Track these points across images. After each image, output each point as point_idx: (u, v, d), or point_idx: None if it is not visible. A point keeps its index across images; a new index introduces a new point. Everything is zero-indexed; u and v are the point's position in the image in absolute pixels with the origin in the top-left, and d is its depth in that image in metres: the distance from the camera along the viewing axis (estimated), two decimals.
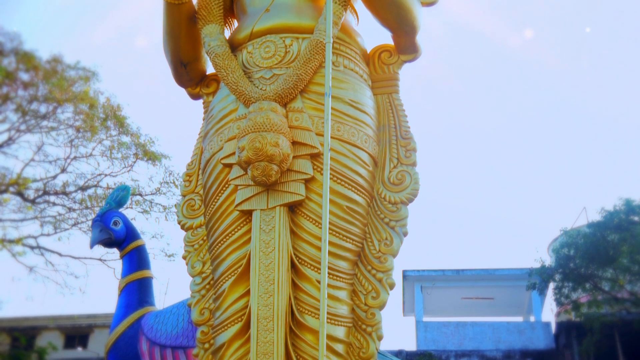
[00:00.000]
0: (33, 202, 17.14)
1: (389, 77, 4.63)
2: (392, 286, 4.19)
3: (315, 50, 4.18)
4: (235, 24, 4.89)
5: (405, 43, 4.60)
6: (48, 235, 17.23)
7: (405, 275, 24.54)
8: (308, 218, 4.05)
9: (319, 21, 4.30)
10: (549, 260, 21.82)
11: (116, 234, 6.64)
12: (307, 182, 4.04)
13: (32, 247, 17.19)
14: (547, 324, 23.77)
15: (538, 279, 20.59)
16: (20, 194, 16.96)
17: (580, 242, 19.33)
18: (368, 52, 4.70)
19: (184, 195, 4.72)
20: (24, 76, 16.41)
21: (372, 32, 4.77)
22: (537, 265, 20.47)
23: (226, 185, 4.23)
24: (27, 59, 16.04)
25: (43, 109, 16.93)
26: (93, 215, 12.58)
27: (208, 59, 4.61)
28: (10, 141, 16.94)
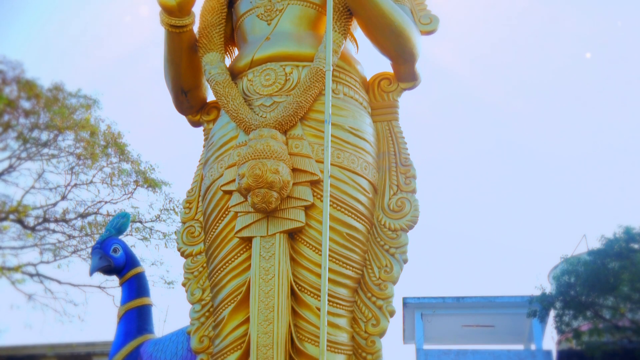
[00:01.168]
0: (33, 229, 17.12)
1: (388, 104, 4.66)
2: (392, 313, 4.18)
3: (315, 78, 4.21)
4: (236, 52, 4.93)
5: (404, 71, 4.63)
6: (47, 262, 17.19)
7: (406, 302, 24.43)
8: (308, 245, 4.05)
9: (319, 49, 4.34)
10: (549, 288, 21.72)
11: (116, 261, 6.62)
12: (307, 209, 4.05)
13: (31, 275, 17.15)
14: (548, 352, 23.63)
15: (539, 306, 20.49)
16: (20, 221, 16.95)
17: (581, 270, 19.25)
18: (368, 79, 4.73)
19: (183, 222, 4.72)
20: (26, 104, 16.49)
21: (371, 60, 4.81)
22: (538, 292, 20.37)
23: (226, 212, 4.24)
24: (28, 87, 16.12)
25: (44, 136, 16.98)
26: (93, 243, 12.56)
27: (208, 86, 4.64)
28: (10, 169, 16.97)
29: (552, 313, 20.77)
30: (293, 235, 4.06)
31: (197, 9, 4.59)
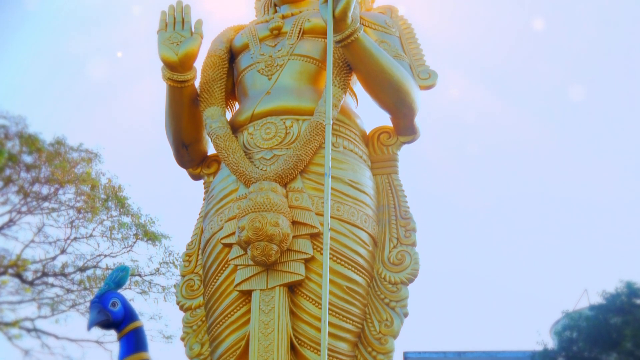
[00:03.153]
0: (31, 283, 17.01)
1: (388, 157, 4.68)
2: None
3: (315, 132, 4.24)
4: (237, 106, 4.98)
5: (403, 125, 4.66)
6: (45, 317, 17.03)
7: (406, 357, 24.15)
8: (308, 298, 4.03)
9: (319, 103, 4.38)
10: (551, 343, 21.52)
11: (114, 316, 6.53)
12: (307, 261, 4.04)
13: (28, 330, 16.97)
14: None
15: None
16: (19, 275, 16.84)
17: (583, 325, 19.09)
18: (367, 133, 4.77)
19: (183, 276, 4.71)
20: (27, 158, 16.56)
21: (371, 114, 4.86)
22: (540, 348, 20.17)
23: (226, 265, 4.23)
24: (31, 142, 16.21)
25: (45, 190, 17.00)
26: (91, 297, 12.47)
27: (209, 140, 4.68)
28: (11, 223, 16.94)
29: None
30: (293, 288, 4.04)
31: (198, 63, 4.65)
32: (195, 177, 5.01)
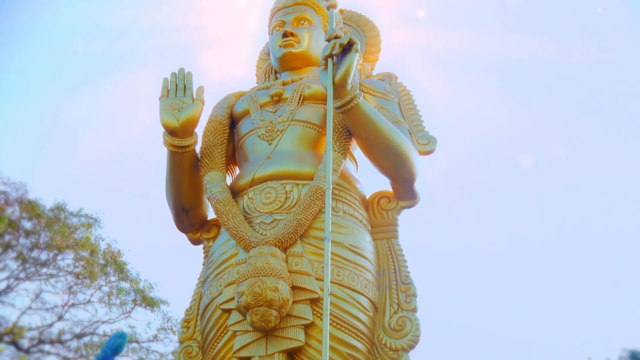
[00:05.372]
0: (27, 351, 16.82)
1: (388, 222, 4.68)
2: None
3: (315, 196, 4.25)
4: (237, 170, 5.00)
5: (403, 190, 4.68)
6: None
7: None
8: None
9: (319, 168, 4.40)
10: None
11: None
12: (307, 327, 3.99)
13: None
14: None
15: None
16: (14, 343, 16.67)
17: None
18: (367, 197, 4.78)
19: (181, 342, 4.65)
20: (27, 224, 16.57)
21: (371, 179, 4.87)
22: None
23: (225, 331, 4.18)
24: (31, 207, 16.25)
25: (43, 256, 16.96)
26: None
27: (209, 204, 4.69)
28: (8, 289, 16.85)
29: None
30: (292, 354, 3.99)
31: (199, 129, 4.69)
32: (195, 242, 5.01)
